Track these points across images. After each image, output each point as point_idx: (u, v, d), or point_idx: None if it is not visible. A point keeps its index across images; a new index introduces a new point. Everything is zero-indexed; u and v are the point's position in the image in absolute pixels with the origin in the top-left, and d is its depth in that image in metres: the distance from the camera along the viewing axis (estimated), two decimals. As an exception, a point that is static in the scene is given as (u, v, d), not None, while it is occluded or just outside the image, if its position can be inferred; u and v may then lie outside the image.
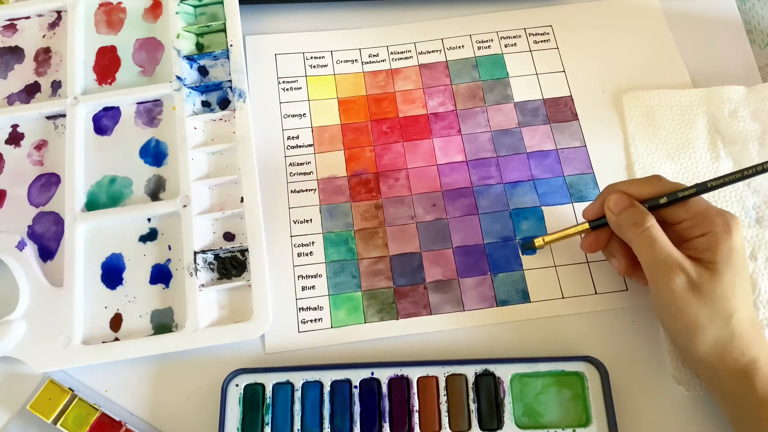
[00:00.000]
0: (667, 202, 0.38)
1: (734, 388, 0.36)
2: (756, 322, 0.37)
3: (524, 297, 0.44)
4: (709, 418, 0.41)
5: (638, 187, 0.39)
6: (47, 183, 0.48)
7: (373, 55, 0.53)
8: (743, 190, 0.46)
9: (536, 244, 0.44)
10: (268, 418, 0.40)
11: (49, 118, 0.50)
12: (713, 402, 0.41)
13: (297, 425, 0.40)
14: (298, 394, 0.41)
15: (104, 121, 0.49)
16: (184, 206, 0.45)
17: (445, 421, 0.40)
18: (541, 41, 0.53)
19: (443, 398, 0.41)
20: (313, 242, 0.47)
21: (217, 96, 0.50)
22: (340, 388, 0.41)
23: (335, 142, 0.50)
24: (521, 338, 0.43)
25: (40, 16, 0.53)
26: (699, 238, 0.36)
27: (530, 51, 0.53)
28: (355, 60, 0.53)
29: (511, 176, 0.48)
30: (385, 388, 0.41)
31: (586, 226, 0.42)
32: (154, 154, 0.48)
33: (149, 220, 0.46)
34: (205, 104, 0.50)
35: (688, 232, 0.37)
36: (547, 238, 0.44)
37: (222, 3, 0.51)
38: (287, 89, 0.52)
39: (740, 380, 0.36)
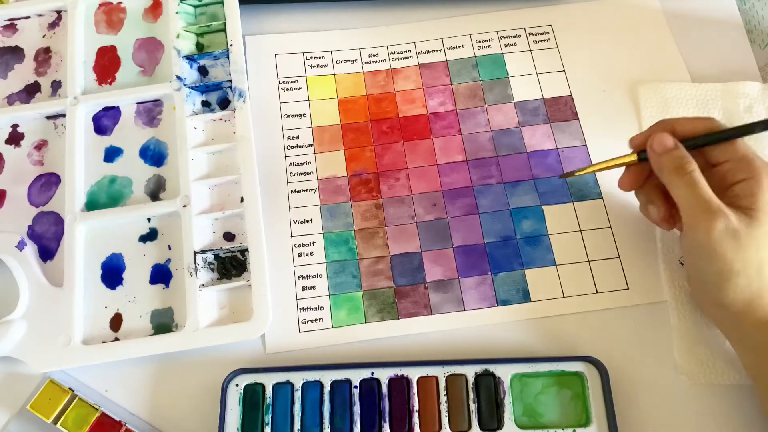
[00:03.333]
0: (710, 141, 0.37)
1: (759, 339, 0.36)
2: None
3: (525, 296, 0.44)
4: (709, 417, 0.41)
5: (689, 123, 0.38)
6: (47, 183, 0.48)
7: (373, 55, 0.53)
8: None
9: (576, 174, 0.43)
10: (268, 418, 0.40)
11: (49, 118, 0.50)
12: (713, 402, 0.41)
13: (297, 425, 0.40)
14: (298, 394, 0.41)
15: (104, 121, 0.49)
16: (184, 206, 0.45)
17: (445, 421, 0.40)
18: (541, 41, 0.53)
19: (443, 398, 0.41)
20: (313, 242, 0.47)
21: (217, 96, 0.50)
22: (340, 388, 0.41)
23: (335, 142, 0.50)
24: (521, 338, 0.43)
25: (40, 16, 0.53)
26: (740, 184, 0.36)
27: (530, 50, 0.53)
28: (355, 60, 0.53)
29: (511, 176, 0.48)
30: (385, 388, 0.41)
31: (634, 157, 0.40)
32: (154, 154, 0.48)
33: (149, 220, 0.46)
34: (205, 104, 0.50)
35: (730, 175, 0.37)
36: (590, 169, 0.42)
37: (222, 3, 0.51)
38: (287, 89, 0.52)
39: (763, 329, 0.36)
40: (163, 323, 0.43)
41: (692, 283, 0.41)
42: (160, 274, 0.45)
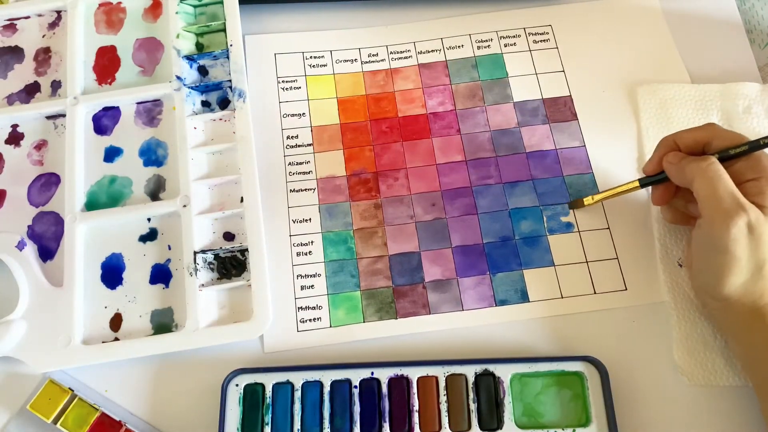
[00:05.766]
0: (719, 159, 0.38)
1: (748, 327, 0.38)
2: None
3: (523, 297, 0.44)
4: (709, 418, 0.41)
5: (692, 133, 0.40)
6: (47, 183, 0.48)
7: (373, 55, 0.53)
8: None
9: (585, 203, 0.46)
10: (268, 418, 0.40)
11: (49, 118, 0.50)
12: (713, 402, 0.41)
13: (297, 425, 0.40)
14: (298, 394, 0.41)
15: (104, 121, 0.49)
16: (184, 206, 0.45)
17: (445, 421, 0.40)
18: (541, 41, 0.53)
19: (443, 398, 0.41)
20: (312, 242, 0.47)
21: (217, 96, 0.50)
22: (340, 388, 0.41)
23: (334, 142, 0.50)
24: (521, 338, 0.43)
25: (40, 15, 0.53)
26: (750, 182, 0.37)
27: (530, 51, 0.53)
28: (355, 60, 0.53)
29: (510, 176, 0.48)
30: (385, 388, 0.41)
31: (636, 183, 0.43)
32: (154, 154, 0.48)
33: (149, 220, 0.46)
34: (205, 104, 0.50)
35: (739, 174, 0.38)
36: (597, 197, 0.45)
37: (222, 3, 0.51)
38: (287, 89, 0.52)
39: (755, 320, 0.37)
40: (163, 323, 0.43)
41: (693, 272, 0.41)
42: (160, 274, 0.45)
